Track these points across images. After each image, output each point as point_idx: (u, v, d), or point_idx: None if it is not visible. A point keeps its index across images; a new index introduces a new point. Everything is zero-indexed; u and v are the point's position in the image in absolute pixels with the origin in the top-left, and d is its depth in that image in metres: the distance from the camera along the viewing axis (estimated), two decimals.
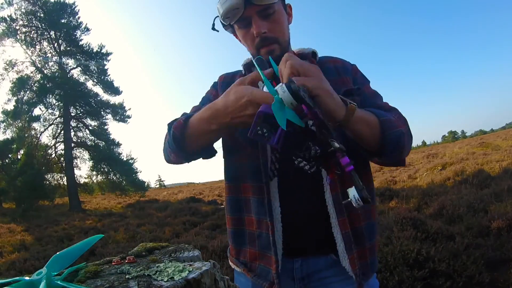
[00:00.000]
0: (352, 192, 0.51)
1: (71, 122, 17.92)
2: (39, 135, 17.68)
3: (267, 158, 0.76)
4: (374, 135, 0.66)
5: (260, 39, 0.75)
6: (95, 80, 18.35)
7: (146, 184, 21.28)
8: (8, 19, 15.80)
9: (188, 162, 0.83)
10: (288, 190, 0.75)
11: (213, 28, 0.83)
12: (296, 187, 0.75)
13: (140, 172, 19.12)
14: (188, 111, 0.92)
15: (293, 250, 0.76)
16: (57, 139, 17.98)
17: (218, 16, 0.80)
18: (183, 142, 0.73)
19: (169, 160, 0.84)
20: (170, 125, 0.79)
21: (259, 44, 0.76)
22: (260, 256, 0.78)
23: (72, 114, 18.09)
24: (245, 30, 0.77)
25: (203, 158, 0.83)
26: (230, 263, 0.89)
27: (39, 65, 17.21)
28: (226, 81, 0.90)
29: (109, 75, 18.39)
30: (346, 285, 0.75)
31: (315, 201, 0.74)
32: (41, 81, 17.11)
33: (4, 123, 17.07)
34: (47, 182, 17.29)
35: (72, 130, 18.01)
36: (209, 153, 0.82)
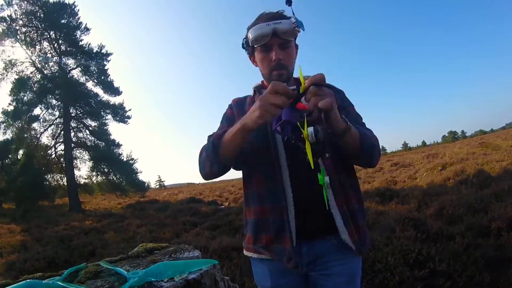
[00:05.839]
0: (310, 129, 0.64)
1: (71, 123, 17.92)
2: (39, 136, 17.69)
3: (278, 153, 0.94)
4: (355, 144, 0.88)
5: (276, 64, 0.97)
6: (95, 80, 18.34)
7: (146, 184, 21.25)
8: (8, 19, 15.80)
9: (221, 173, 0.98)
10: (296, 180, 0.93)
11: (243, 47, 1.05)
12: (302, 176, 0.93)
13: (140, 172, 19.10)
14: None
15: (300, 233, 0.91)
16: (57, 140, 18.01)
17: (245, 38, 1.02)
18: (220, 148, 0.89)
19: (204, 171, 0.98)
20: (210, 136, 0.99)
21: (274, 67, 0.98)
22: (275, 239, 0.93)
23: (72, 114, 18.08)
24: (265, 54, 0.99)
25: (233, 168, 1.02)
26: (246, 252, 1.04)
27: (39, 65, 17.22)
28: (239, 103, 1.11)
29: (109, 75, 18.40)
30: (344, 268, 0.93)
31: (317, 188, 0.87)
32: (41, 82, 17.11)
33: (4, 124, 17.07)
34: (47, 183, 17.29)
35: (72, 131, 18.01)
36: (240, 161, 0.99)
